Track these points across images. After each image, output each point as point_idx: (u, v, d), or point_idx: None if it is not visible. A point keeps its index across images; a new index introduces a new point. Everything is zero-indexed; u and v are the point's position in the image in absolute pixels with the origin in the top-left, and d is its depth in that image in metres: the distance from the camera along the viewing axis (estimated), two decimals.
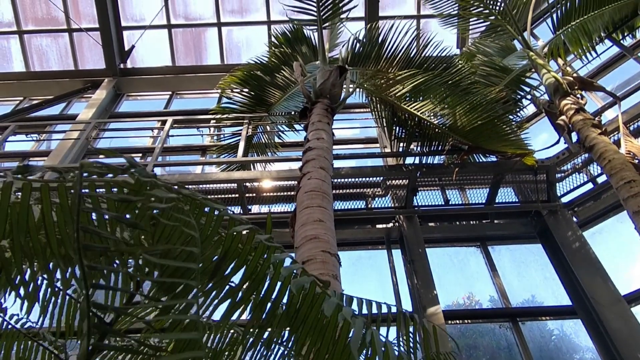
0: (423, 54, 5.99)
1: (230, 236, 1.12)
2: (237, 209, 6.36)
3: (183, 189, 1.12)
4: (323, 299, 1.10)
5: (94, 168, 0.93)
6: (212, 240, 1.13)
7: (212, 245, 1.14)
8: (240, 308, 1.19)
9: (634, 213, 4.00)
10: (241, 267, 1.16)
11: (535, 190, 6.21)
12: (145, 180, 0.97)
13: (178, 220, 1.00)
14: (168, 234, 1.08)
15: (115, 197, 1.02)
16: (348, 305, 1.65)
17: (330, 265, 3.02)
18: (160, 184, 1.00)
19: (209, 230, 1.12)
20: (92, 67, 9.55)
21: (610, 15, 5.94)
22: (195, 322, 0.88)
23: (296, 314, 1.12)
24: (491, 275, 5.94)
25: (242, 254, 1.14)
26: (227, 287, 1.17)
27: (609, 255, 5.74)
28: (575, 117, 4.91)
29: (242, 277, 1.17)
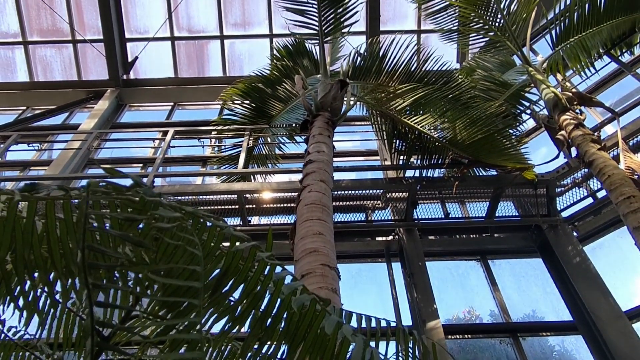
0: (423, 68, 6.06)
1: (231, 253, 1.13)
2: (237, 220, 6.37)
3: (186, 206, 1.14)
4: (323, 316, 1.10)
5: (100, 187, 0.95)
6: (213, 256, 1.14)
7: (214, 260, 1.15)
8: (238, 325, 1.20)
9: (634, 229, 4.00)
10: (241, 283, 1.17)
11: (535, 204, 6.22)
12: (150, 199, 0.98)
13: (181, 239, 1.01)
14: (171, 252, 1.09)
15: (121, 216, 1.03)
16: (347, 320, 1.65)
17: (329, 279, 3.02)
18: (165, 203, 1.01)
19: (210, 245, 1.13)
20: (96, 77, 9.64)
21: (608, 32, 6.01)
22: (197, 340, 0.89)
23: (296, 331, 1.12)
24: (491, 289, 5.91)
25: (243, 270, 1.15)
26: (227, 301, 1.18)
27: (610, 270, 5.73)
28: (574, 132, 4.93)
29: (241, 293, 1.18)
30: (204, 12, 9.41)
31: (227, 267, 1.13)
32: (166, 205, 1.02)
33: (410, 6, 7.43)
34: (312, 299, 1.08)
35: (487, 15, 6.29)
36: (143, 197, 0.99)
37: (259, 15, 9.36)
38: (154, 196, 1.01)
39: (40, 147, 8.38)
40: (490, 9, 6.22)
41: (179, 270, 1.07)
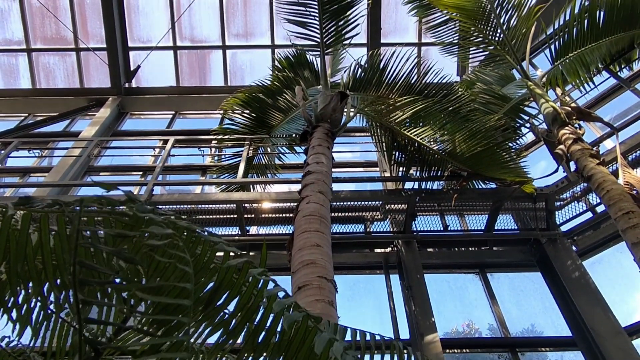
0: (423, 81, 6.10)
1: (224, 269, 1.13)
2: (236, 230, 6.35)
3: (180, 221, 1.14)
4: (315, 333, 1.10)
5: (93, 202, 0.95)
6: (207, 269, 1.14)
7: (208, 273, 1.15)
8: (232, 338, 1.19)
9: (633, 244, 3.99)
10: (235, 297, 1.17)
11: (535, 218, 6.21)
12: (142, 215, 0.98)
13: (173, 256, 1.01)
14: (163, 268, 1.08)
15: (113, 232, 1.03)
16: (342, 335, 1.64)
17: (326, 291, 3.00)
18: (157, 220, 1.01)
19: (204, 259, 1.13)
20: (98, 85, 9.70)
21: (607, 47, 6.06)
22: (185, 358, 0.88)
23: (289, 347, 1.12)
24: (490, 303, 5.87)
25: (236, 285, 1.15)
26: (221, 315, 1.17)
27: (609, 285, 5.70)
28: (573, 147, 4.95)
29: (235, 307, 1.18)
30: (206, 22, 9.50)
31: (220, 281, 1.13)
32: (158, 221, 1.02)
33: (411, 19, 7.51)
34: (304, 315, 1.07)
35: (487, 30, 6.35)
36: (135, 213, 0.99)
37: (261, 26, 9.45)
38: (146, 212, 1.01)
39: (41, 154, 8.40)
40: (490, 23, 6.28)
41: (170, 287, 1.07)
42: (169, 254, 1.01)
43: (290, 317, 1.00)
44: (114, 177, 8.00)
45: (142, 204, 1.05)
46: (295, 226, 3.62)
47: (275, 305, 1.03)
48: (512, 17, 6.13)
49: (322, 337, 1.02)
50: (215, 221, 6.41)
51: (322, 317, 2.78)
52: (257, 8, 9.36)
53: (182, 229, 1.11)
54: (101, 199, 1.05)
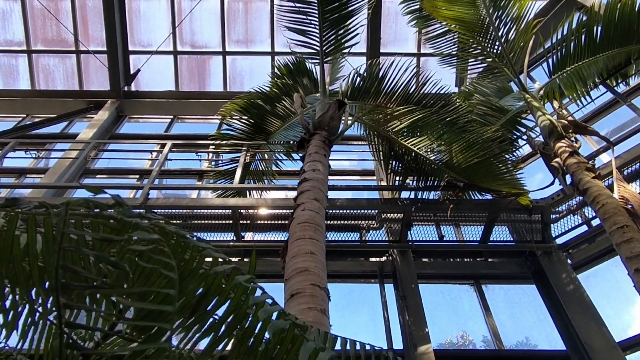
0: (422, 91, 6.11)
1: (212, 275, 1.12)
2: (231, 236, 6.33)
3: (169, 226, 1.13)
4: (302, 341, 1.09)
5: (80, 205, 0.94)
6: (196, 275, 1.13)
7: (197, 279, 1.14)
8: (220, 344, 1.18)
9: (627, 258, 3.99)
10: (223, 303, 1.16)
11: (530, 230, 6.22)
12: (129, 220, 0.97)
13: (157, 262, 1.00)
14: (148, 273, 1.07)
15: (98, 236, 1.02)
16: (331, 344, 1.63)
17: (319, 300, 2.99)
18: (143, 225, 1.00)
19: (192, 264, 1.12)
20: (97, 88, 9.71)
21: (604, 62, 6.11)
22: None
23: (275, 355, 1.10)
24: (484, 314, 5.85)
25: (224, 291, 1.14)
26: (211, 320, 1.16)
27: (604, 299, 5.69)
28: (569, 160, 4.96)
29: (224, 313, 1.17)
30: (207, 28, 9.55)
31: (208, 287, 1.12)
32: (144, 226, 1.01)
33: (411, 30, 7.58)
34: (290, 324, 1.06)
35: (486, 42, 6.40)
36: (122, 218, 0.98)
37: (262, 33, 9.50)
38: (133, 216, 1.00)
39: (38, 155, 8.37)
40: (488, 36, 6.33)
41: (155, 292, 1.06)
42: (154, 260, 1.00)
43: (276, 325, 0.99)
44: (111, 179, 7.98)
45: (129, 208, 1.04)
46: (290, 233, 3.62)
47: (261, 312, 1.02)
48: (511, 30, 6.18)
49: (308, 346, 1.01)
50: (210, 226, 6.38)
51: (313, 325, 2.77)
52: (258, 15, 9.43)
53: (171, 234, 1.10)
54: (89, 202, 1.05)
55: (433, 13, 6.39)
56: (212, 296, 1.14)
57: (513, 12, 6.03)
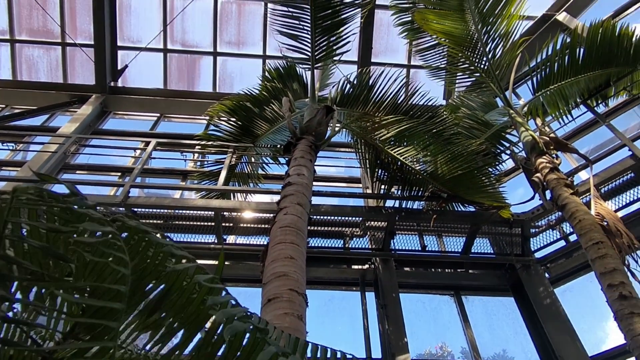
0: (410, 102, 6.19)
1: (174, 273, 1.09)
2: (212, 238, 6.25)
3: (130, 220, 1.10)
4: (263, 345, 1.06)
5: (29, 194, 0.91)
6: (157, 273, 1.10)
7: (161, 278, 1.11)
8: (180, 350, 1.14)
9: (601, 274, 4.08)
10: (186, 303, 1.12)
11: (510, 243, 6.32)
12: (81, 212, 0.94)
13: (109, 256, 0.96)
14: (101, 268, 1.04)
15: (43, 226, 0.99)
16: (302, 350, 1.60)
17: (296, 305, 2.95)
18: (96, 216, 0.97)
19: (155, 262, 1.09)
20: (82, 82, 9.51)
21: (586, 83, 6.29)
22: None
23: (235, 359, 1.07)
24: (463, 326, 5.90)
25: (186, 291, 1.11)
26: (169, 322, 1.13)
27: (579, 314, 5.80)
28: (549, 176, 5.07)
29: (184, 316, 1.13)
30: (199, 28, 9.49)
31: (169, 286, 1.09)
32: (97, 218, 0.98)
33: (402, 41, 7.66)
34: (254, 327, 1.04)
35: (474, 57, 6.52)
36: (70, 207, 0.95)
37: (254, 35, 9.49)
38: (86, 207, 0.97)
39: (16, 147, 8.14)
40: (476, 51, 6.46)
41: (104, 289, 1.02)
42: (107, 254, 0.97)
43: (234, 328, 0.96)
44: (91, 176, 7.80)
45: (83, 199, 1.01)
46: (271, 237, 3.58)
47: (220, 313, 0.99)
48: (498, 46, 6.32)
49: (268, 350, 0.99)
50: (192, 228, 6.29)
51: (289, 331, 2.74)
52: (251, 18, 9.42)
53: (132, 229, 1.06)
54: (42, 191, 1.01)
55: (424, 26, 6.49)
56: (174, 296, 1.11)
57: (501, 29, 6.17)
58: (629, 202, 5.92)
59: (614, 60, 6.12)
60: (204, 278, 1.23)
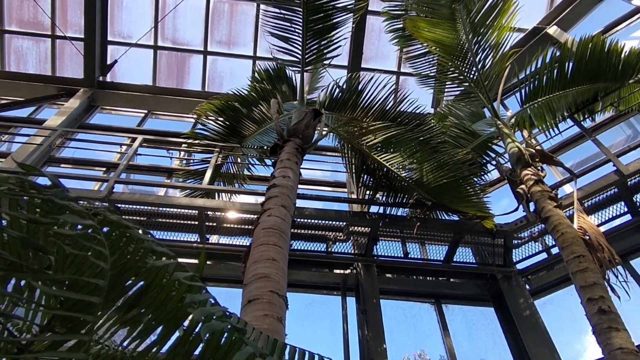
0: (398, 109, 6.19)
1: (154, 269, 1.06)
2: (195, 237, 6.20)
3: (111, 215, 1.07)
4: (240, 345, 1.04)
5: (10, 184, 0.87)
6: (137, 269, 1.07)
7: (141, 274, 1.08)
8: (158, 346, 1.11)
9: (581, 287, 4.10)
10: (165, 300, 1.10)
11: (493, 253, 6.33)
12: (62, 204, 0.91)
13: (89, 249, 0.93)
14: (80, 262, 1.01)
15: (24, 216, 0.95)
16: (279, 352, 1.58)
17: (276, 307, 2.93)
18: (76, 209, 0.94)
19: (136, 257, 1.06)
20: (70, 75, 9.41)
21: (573, 97, 6.35)
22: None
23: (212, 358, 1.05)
24: (442, 334, 5.89)
25: (165, 288, 1.08)
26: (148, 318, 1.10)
27: (558, 326, 5.82)
28: (534, 188, 5.09)
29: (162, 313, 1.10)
30: (190, 26, 9.44)
31: (149, 282, 1.06)
32: (78, 210, 0.95)
33: (393, 48, 7.69)
34: (229, 326, 1.01)
35: (463, 67, 6.55)
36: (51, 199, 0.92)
37: (245, 36, 9.46)
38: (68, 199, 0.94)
39: (1, 139, 8.02)
40: (466, 61, 6.48)
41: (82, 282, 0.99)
42: (87, 248, 0.94)
43: (211, 327, 0.94)
44: (75, 170, 7.69)
45: (64, 191, 0.98)
46: (254, 238, 3.56)
47: (198, 312, 0.97)
48: (488, 56, 6.34)
49: (245, 350, 0.96)
50: (175, 226, 6.24)
51: (268, 333, 2.70)
52: (243, 18, 9.39)
53: (114, 223, 1.04)
54: (23, 182, 0.98)
55: (415, 34, 6.51)
56: (153, 292, 1.08)
57: (492, 40, 6.20)
58: (611, 217, 5.96)
59: (603, 75, 6.18)
60: (183, 276, 1.20)
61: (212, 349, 1.06)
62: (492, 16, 6.19)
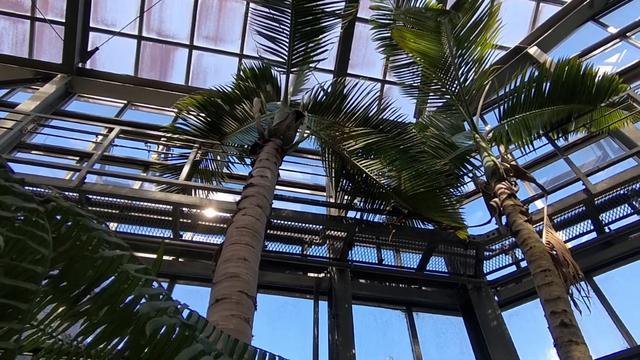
0: (381, 116, 6.25)
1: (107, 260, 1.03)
2: (168, 233, 6.08)
3: (63, 201, 1.03)
4: (191, 342, 1.02)
5: None
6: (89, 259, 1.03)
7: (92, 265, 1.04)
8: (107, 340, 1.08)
9: (546, 301, 4.22)
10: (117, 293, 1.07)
11: (464, 264, 6.45)
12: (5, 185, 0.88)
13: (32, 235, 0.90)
14: (21, 247, 0.97)
15: None
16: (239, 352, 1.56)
17: (244, 307, 2.90)
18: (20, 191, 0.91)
19: (88, 247, 1.03)
20: (48, 60, 9.13)
21: (549, 116, 6.55)
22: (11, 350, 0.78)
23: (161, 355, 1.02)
24: (412, 342, 5.95)
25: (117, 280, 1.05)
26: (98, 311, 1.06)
27: (523, 338, 5.95)
28: (506, 202, 5.22)
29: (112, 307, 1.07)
30: (177, 19, 9.32)
31: (100, 274, 1.03)
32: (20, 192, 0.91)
33: (379, 56, 7.76)
34: (179, 322, 0.99)
35: (446, 79, 6.67)
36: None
37: (233, 33, 9.39)
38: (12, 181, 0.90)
39: None
40: (449, 74, 6.60)
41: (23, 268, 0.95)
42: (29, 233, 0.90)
43: (157, 322, 0.91)
44: (46, 157, 7.45)
45: (7, 171, 0.94)
46: (227, 236, 3.52)
47: (145, 306, 0.94)
48: (470, 70, 6.47)
49: (194, 347, 0.94)
50: (148, 220, 6.10)
51: (234, 333, 2.67)
52: (231, 15, 9.33)
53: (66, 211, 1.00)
54: None
55: (401, 43, 6.60)
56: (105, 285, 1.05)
57: (475, 54, 6.33)
58: (578, 234, 6.16)
59: (577, 97, 6.41)
60: (135, 268, 1.17)
61: (163, 345, 1.04)
62: (476, 32, 6.32)
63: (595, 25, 9.10)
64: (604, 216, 5.97)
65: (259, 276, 4.33)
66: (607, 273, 5.87)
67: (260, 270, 3.56)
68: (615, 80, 6.37)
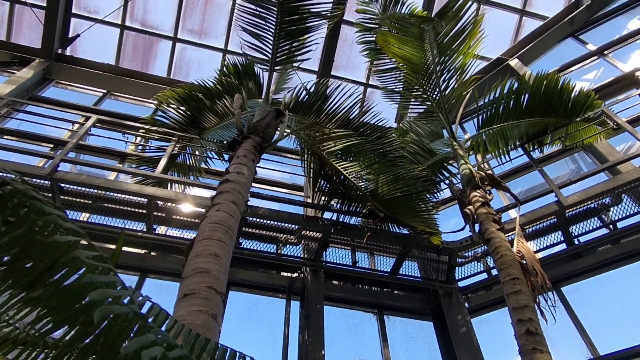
0: (361, 119, 6.28)
1: (63, 245, 1.01)
2: (142, 226, 5.98)
3: (18, 183, 1.00)
4: (143, 333, 1.00)
5: None
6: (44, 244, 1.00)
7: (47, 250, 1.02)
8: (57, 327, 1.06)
9: (513, 309, 4.30)
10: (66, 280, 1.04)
11: (437, 269, 6.52)
12: None
13: None
14: None
15: None
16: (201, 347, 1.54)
17: (212, 304, 2.87)
18: None
19: (44, 232, 1.00)
20: (27, 43, 8.88)
21: (526, 127, 6.68)
22: None
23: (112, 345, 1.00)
24: (381, 345, 5.98)
25: (73, 267, 1.02)
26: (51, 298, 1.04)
27: (490, 345, 6.04)
28: (480, 210, 5.29)
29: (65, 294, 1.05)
30: (162, 10, 9.19)
31: (55, 260, 1.00)
32: None
33: (363, 59, 7.79)
34: (129, 312, 0.98)
35: (428, 86, 6.74)
36: None
37: (218, 28, 9.32)
38: None
39: None
40: (431, 81, 6.68)
41: None
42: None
43: (106, 310, 0.90)
44: (19, 143, 7.24)
45: None
46: (199, 231, 3.48)
47: (94, 294, 0.92)
48: (452, 79, 6.55)
49: (144, 337, 0.92)
50: (122, 212, 5.99)
51: (200, 329, 2.64)
52: (217, 10, 9.25)
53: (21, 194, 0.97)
54: None
55: (384, 48, 6.64)
56: (59, 270, 1.02)
57: (457, 63, 6.42)
58: (549, 244, 6.30)
59: (554, 111, 6.56)
60: (86, 254, 1.13)
61: (116, 334, 1.01)
62: (458, 41, 6.41)
63: (575, 41, 9.34)
64: (574, 228, 6.11)
65: (232, 273, 4.30)
66: (575, 284, 6.00)
67: (234, 268, 3.53)
68: (591, 96, 6.54)
